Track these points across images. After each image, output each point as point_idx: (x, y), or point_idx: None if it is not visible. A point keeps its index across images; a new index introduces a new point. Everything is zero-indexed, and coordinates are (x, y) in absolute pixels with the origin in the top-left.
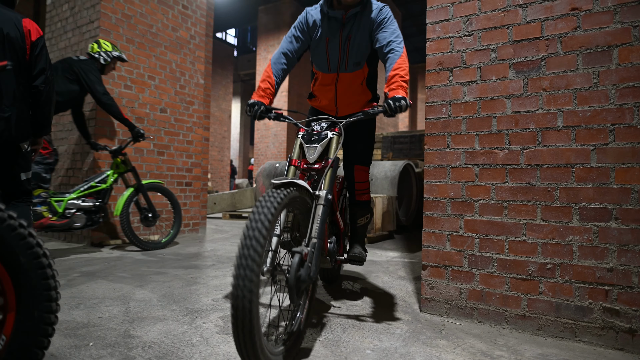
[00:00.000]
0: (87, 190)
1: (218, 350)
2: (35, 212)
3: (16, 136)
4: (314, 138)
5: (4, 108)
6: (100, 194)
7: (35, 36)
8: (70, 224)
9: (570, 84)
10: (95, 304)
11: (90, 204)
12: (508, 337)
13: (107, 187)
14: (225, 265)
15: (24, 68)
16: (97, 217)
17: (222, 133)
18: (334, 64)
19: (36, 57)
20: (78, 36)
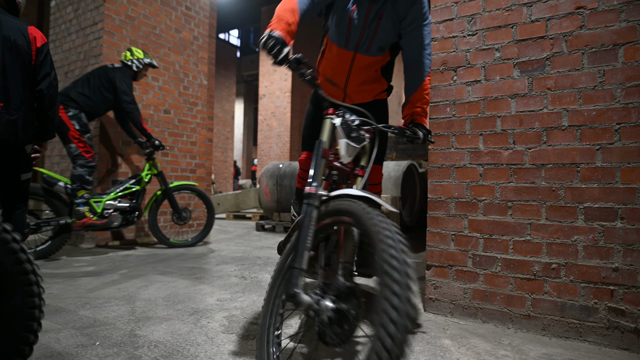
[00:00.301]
0: (122, 192)
1: (223, 350)
2: (78, 212)
3: (22, 139)
4: (354, 135)
5: (12, 111)
6: (135, 195)
7: (40, 43)
8: (108, 223)
9: (575, 83)
10: (101, 303)
11: (125, 204)
12: (512, 337)
13: (141, 189)
14: (229, 266)
15: (30, 73)
16: (132, 216)
17: (225, 134)
18: (353, 41)
19: (41, 62)
20: (82, 38)
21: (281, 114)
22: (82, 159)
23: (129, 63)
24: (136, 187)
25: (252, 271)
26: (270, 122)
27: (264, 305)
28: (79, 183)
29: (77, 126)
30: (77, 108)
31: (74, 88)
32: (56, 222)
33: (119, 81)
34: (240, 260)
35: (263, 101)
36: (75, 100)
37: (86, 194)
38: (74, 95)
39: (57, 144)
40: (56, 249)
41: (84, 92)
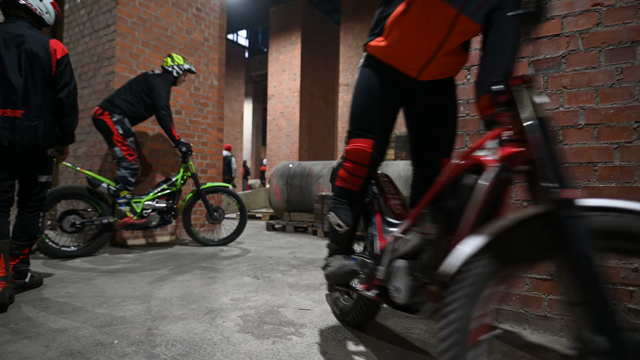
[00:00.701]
0: (160, 193)
1: (239, 349)
2: (120, 212)
3: (42, 144)
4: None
5: (32, 118)
6: (171, 195)
7: (60, 55)
8: (147, 223)
9: (592, 81)
10: (117, 302)
11: (163, 205)
12: (529, 338)
13: (177, 190)
14: (241, 265)
15: (50, 83)
16: (169, 216)
17: (234, 134)
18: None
19: (61, 72)
20: (95, 40)
21: (290, 114)
22: (125, 162)
23: (170, 69)
24: (172, 189)
25: (264, 271)
26: (279, 122)
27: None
28: (122, 184)
29: (121, 131)
30: (120, 114)
31: (117, 95)
32: (99, 221)
33: (156, 87)
34: (252, 260)
35: (272, 101)
36: (119, 106)
37: (128, 195)
38: (118, 102)
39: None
40: (99, 247)
41: (127, 98)
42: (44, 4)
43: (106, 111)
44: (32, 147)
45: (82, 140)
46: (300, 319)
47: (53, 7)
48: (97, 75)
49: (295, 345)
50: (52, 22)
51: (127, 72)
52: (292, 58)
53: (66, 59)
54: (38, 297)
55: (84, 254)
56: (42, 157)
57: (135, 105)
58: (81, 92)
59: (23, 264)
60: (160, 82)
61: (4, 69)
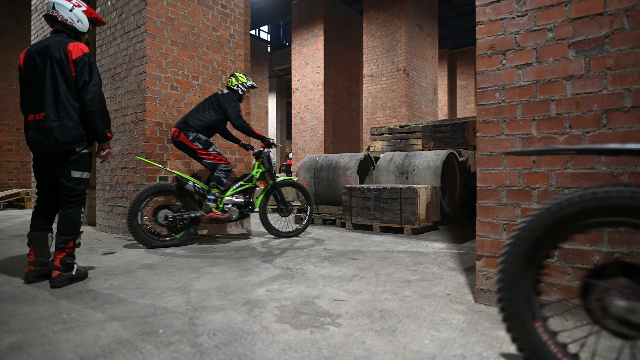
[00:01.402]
0: (238, 189)
1: (279, 339)
2: (207, 207)
3: (63, 142)
4: None
5: (53, 119)
6: (247, 191)
7: (76, 55)
8: (229, 217)
9: (638, 61)
10: (158, 294)
11: (241, 200)
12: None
13: (252, 185)
14: (274, 258)
15: (72, 83)
16: (246, 210)
17: (259, 129)
18: None
19: (79, 72)
20: (126, 41)
21: (314, 107)
22: (219, 166)
23: (235, 88)
24: (248, 184)
25: (296, 263)
26: (303, 116)
27: None
28: (215, 183)
29: (200, 145)
30: (194, 131)
31: (190, 116)
32: (188, 215)
33: (228, 106)
34: (284, 252)
35: (296, 95)
36: (192, 125)
37: (217, 193)
38: (191, 122)
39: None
40: (188, 239)
41: (199, 117)
42: (75, 13)
43: (182, 132)
44: (53, 146)
45: (117, 139)
46: (336, 310)
47: (86, 15)
48: (130, 76)
49: (333, 335)
50: (86, 30)
51: (158, 71)
52: (315, 51)
53: (84, 59)
54: (85, 289)
55: (177, 244)
56: (72, 154)
57: (208, 121)
58: (114, 92)
59: (69, 257)
60: (229, 101)
61: (36, 79)
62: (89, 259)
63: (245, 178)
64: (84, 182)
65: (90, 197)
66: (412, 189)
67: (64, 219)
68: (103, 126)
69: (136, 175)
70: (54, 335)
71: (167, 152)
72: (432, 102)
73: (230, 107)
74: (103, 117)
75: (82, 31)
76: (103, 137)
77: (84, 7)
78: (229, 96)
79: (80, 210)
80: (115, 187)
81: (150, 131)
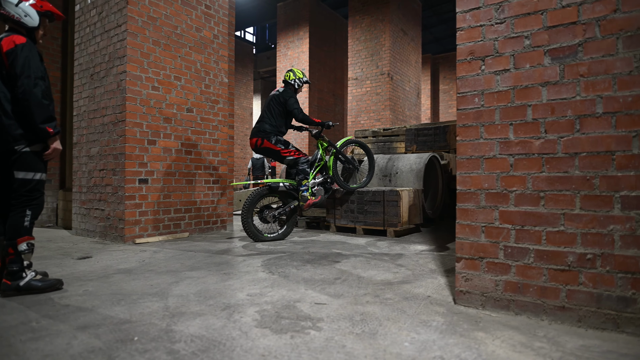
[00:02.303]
0: (315, 171)
1: (258, 344)
2: (304, 197)
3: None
4: None
5: None
6: (323, 168)
7: (7, 47)
8: (321, 198)
9: (609, 68)
10: (135, 300)
11: (321, 179)
12: (547, 329)
13: (324, 162)
14: (256, 261)
15: (7, 79)
16: (329, 185)
17: (244, 131)
18: None
19: (11, 65)
20: (106, 40)
21: None
22: (300, 160)
23: (292, 82)
24: (321, 163)
25: (278, 266)
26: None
27: None
28: (302, 175)
29: (282, 146)
30: (274, 134)
31: (263, 121)
32: (288, 207)
33: (289, 102)
34: (266, 255)
35: None
36: (269, 131)
37: (308, 183)
38: (267, 128)
39: (84, 145)
40: (290, 231)
41: (271, 122)
42: (21, 7)
43: (264, 139)
44: None
45: (96, 140)
46: (317, 313)
47: (35, 8)
48: (109, 75)
49: (313, 339)
50: (36, 24)
51: (139, 71)
52: (300, 53)
53: (15, 50)
54: (57, 296)
55: (280, 238)
56: (12, 154)
57: (279, 122)
58: (93, 92)
59: (13, 264)
60: (288, 95)
61: None
62: (63, 264)
63: (317, 159)
64: (28, 183)
65: (66, 199)
66: (395, 192)
67: (8, 223)
68: (41, 121)
69: (115, 178)
70: (21, 345)
71: (148, 153)
72: (415, 106)
73: (290, 102)
74: (40, 111)
75: (32, 26)
76: (42, 133)
77: (32, 1)
78: (287, 92)
79: (24, 214)
80: (92, 189)
81: (131, 132)
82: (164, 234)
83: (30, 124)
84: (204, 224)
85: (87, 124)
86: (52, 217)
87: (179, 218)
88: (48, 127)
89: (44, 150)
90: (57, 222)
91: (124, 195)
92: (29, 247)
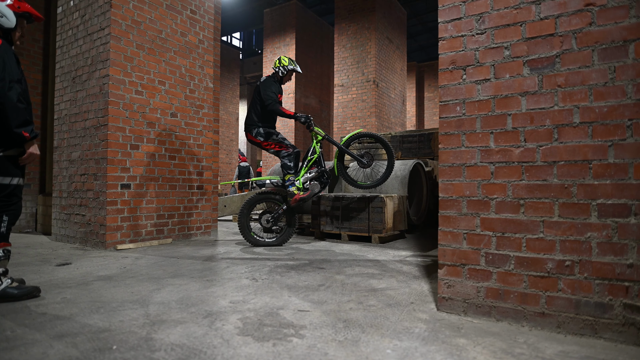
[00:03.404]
0: (307, 165)
1: (240, 352)
2: (290, 193)
3: None
4: None
5: None
6: (316, 162)
7: None
8: (312, 192)
9: (586, 80)
10: (115, 307)
11: (314, 173)
12: (528, 335)
13: (318, 155)
14: (239, 267)
15: None
16: (324, 179)
17: (229, 136)
18: None
19: None
20: (89, 43)
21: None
22: (281, 153)
23: (275, 69)
24: (314, 156)
25: (262, 273)
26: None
27: None
28: (285, 170)
29: (262, 138)
30: (255, 127)
31: (249, 113)
32: (282, 209)
33: (262, 90)
34: (250, 262)
35: None
36: (249, 123)
37: (291, 177)
38: (249, 120)
39: (65, 149)
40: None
41: (253, 113)
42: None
43: (247, 132)
44: None
45: (77, 144)
46: (300, 321)
47: (12, 9)
48: (92, 79)
49: (295, 347)
50: (12, 25)
51: (122, 75)
52: None
53: None
54: (34, 304)
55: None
56: None
57: (258, 114)
58: (75, 95)
59: None
60: (264, 85)
61: None
62: (41, 270)
63: (309, 152)
64: (5, 188)
65: (46, 204)
66: (379, 198)
67: None
68: (16, 125)
69: (96, 183)
70: None
71: (130, 158)
72: (400, 113)
73: (264, 91)
74: (16, 115)
75: (9, 27)
76: (18, 137)
77: (9, 1)
78: (265, 82)
79: (0, 219)
80: (73, 194)
81: (113, 136)
82: (147, 240)
83: (6, 128)
84: (187, 229)
85: (68, 128)
86: (31, 222)
87: (162, 224)
88: (24, 131)
89: (21, 154)
90: (36, 228)
91: (106, 200)
92: (4, 254)
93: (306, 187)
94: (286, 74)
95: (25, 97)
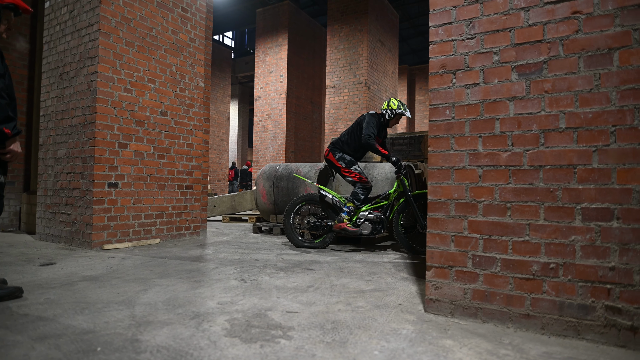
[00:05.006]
0: (374, 205)
1: (227, 354)
2: (340, 218)
3: None
4: None
5: None
6: (384, 208)
7: None
8: (358, 231)
9: (572, 86)
10: (100, 308)
11: (374, 216)
12: (513, 336)
13: (388, 203)
14: (228, 268)
15: None
16: (380, 227)
17: (220, 135)
18: None
19: None
20: (77, 39)
21: (277, 116)
22: (358, 183)
23: (383, 112)
24: (384, 202)
25: (251, 274)
26: (265, 124)
27: None
28: (352, 197)
29: (344, 164)
30: (340, 151)
31: (340, 137)
32: (325, 223)
33: (365, 124)
34: (239, 263)
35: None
36: (339, 147)
37: (352, 206)
38: (338, 143)
39: (51, 146)
40: (327, 243)
41: (343, 139)
42: None
43: (330, 152)
44: None
45: (63, 141)
46: (288, 322)
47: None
48: (80, 75)
49: (283, 348)
50: None
51: (111, 72)
52: (278, 60)
53: None
54: (16, 305)
55: (318, 247)
56: None
57: (349, 143)
58: (62, 92)
59: None
60: (367, 119)
61: None
62: (25, 270)
63: (384, 195)
64: None
65: (31, 203)
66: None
67: None
68: None
69: (83, 181)
70: None
71: (118, 157)
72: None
73: (367, 125)
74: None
75: None
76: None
77: None
78: (370, 116)
79: None
80: (58, 192)
81: (101, 134)
82: (134, 240)
83: None
84: (176, 230)
85: (54, 125)
86: (15, 221)
87: (150, 224)
88: (5, 127)
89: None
90: (20, 227)
91: (92, 199)
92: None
93: (358, 222)
94: (393, 118)
95: (9, 93)
